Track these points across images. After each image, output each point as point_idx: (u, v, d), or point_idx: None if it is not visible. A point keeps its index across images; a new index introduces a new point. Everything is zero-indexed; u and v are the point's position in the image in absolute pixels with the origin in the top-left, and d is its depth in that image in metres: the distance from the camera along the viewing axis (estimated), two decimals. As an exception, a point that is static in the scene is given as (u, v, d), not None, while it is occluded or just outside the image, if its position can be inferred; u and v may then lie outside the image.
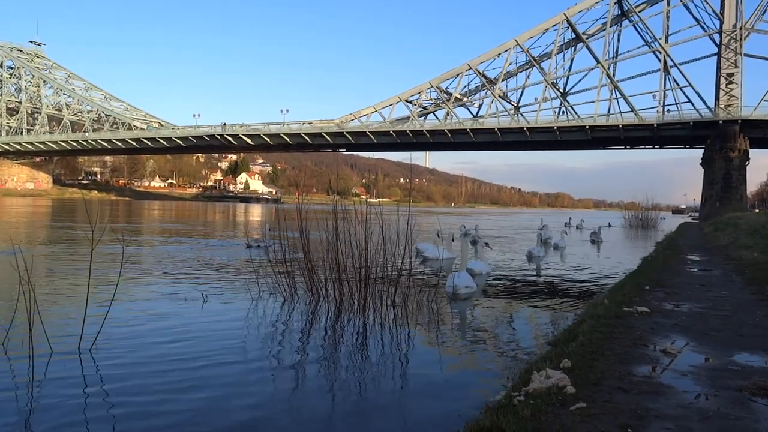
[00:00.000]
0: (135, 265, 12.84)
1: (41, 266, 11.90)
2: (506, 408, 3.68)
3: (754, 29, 66.86)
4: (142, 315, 7.86)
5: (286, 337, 7.00)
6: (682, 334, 5.96)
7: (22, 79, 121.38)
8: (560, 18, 73.98)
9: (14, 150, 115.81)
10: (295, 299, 9.05)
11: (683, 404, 3.83)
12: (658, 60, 70.37)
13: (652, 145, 74.29)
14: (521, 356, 6.32)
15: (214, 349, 6.23)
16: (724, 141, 62.16)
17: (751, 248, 15.79)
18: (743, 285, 9.95)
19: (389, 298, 8.47)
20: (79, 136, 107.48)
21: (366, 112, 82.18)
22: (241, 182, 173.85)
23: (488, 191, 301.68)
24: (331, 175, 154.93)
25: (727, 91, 65.42)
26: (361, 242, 8.68)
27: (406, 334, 7.12)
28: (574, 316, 8.06)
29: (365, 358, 6.17)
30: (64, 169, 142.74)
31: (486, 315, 9.09)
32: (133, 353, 5.94)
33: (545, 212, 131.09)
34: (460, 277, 10.08)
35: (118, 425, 4.18)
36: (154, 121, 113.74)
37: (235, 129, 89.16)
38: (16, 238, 18.08)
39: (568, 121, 72.33)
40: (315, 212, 9.92)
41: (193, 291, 9.85)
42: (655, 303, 7.77)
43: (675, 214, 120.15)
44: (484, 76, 78.96)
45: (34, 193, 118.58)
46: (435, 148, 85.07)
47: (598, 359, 4.78)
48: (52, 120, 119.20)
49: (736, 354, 5.25)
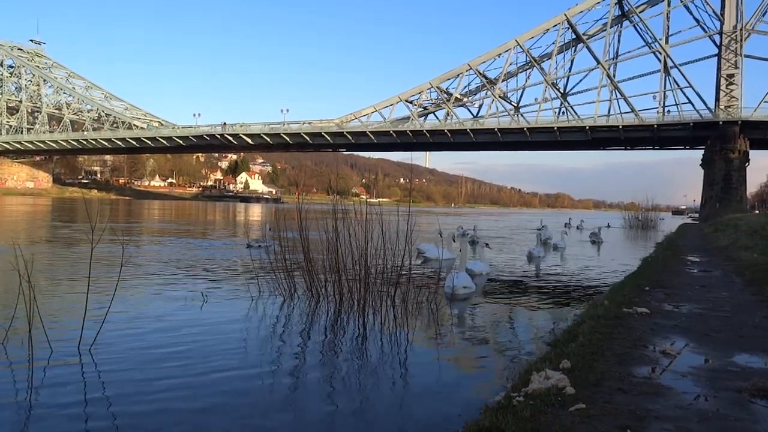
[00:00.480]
0: (135, 265, 12.84)
1: (41, 266, 11.90)
2: (506, 409, 3.68)
3: (755, 30, 66.83)
4: (142, 315, 7.86)
5: (286, 338, 7.00)
6: (682, 335, 5.96)
7: (22, 78, 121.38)
8: (561, 18, 73.95)
9: (14, 149, 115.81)
10: (295, 299, 9.05)
11: (683, 405, 3.83)
12: (659, 61, 70.35)
13: (652, 146, 74.28)
14: (521, 357, 6.31)
15: (213, 350, 6.23)
16: (724, 142, 62.13)
17: (751, 249, 15.79)
18: (743, 286, 9.95)
19: (389, 299, 8.47)
20: (79, 135, 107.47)
21: (366, 112, 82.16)
22: (241, 182, 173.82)
23: (488, 191, 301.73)
24: (331, 174, 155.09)
25: (727, 92, 65.38)
26: (361, 242, 8.69)
27: (405, 334, 7.12)
28: (574, 317, 8.05)
29: (365, 359, 6.17)
30: (64, 168, 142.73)
31: (485, 315, 9.09)
32: (133, 353, 5.94)
33: (545, 213, 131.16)
34: (459, 277, 10.05)
35: (118, 426, 4.18)
36: (154, 120, 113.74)
37: (235, 128, 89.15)
38: (16, 237, 18.08)
39: (568, 121, 72.28)
40: (315, 212, 9.93)
41: (194, 291, 9.85)
42: (655, 304, 7.77)
43: (675, 215, 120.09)
44: (484, 77, 78.95)
45: (34, 192, 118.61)
46: (435, 148, 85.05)
47: (598, 360, 4.78)
48: (52, 119, 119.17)
49: (736, 355, 5.25)
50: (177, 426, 4.22)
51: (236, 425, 4.25)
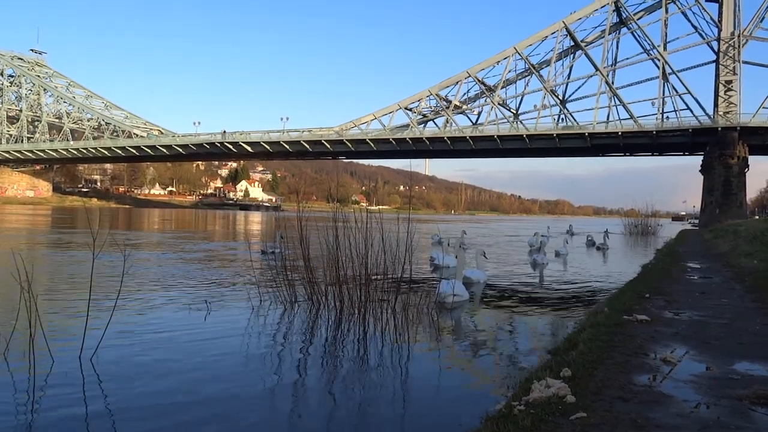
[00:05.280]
0: (137, 274, 12.83)
1: (42, 275, 11.90)
2: (506, 417, 3.68)
3: (752, 36, 67.12)
4: (143, 324, 7.86)
5: (287, 347, 7.00)
6: (682, 343, 5.96)
7: (22, 87, 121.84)
8: (559, 26, 74.29)
9: (14, 158, 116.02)
10: (296, 308, 9.06)
11: (683, 413, 3.83)
12: (657, 67, 70.64)
13: (651, 152, 74.42)
14: (521, 365, 6.32)
15: (216, 359, 6.23)
16: (723, 148, 62.24)
17: (752, 255, 15.77)
18: (743, 293, 9.94)
19: (389, 307, 8.47)
20: (79, 144, 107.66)
21: (366, 120, 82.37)
22: (240, 190, 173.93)
23: (488, 198, 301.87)
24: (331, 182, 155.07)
25: (725, 98, 65.58)
26: (361, 250, 8.70)
27: (406, 342, 7.12)
28: (574, 324, 8.05)
29: (365, 368, 6.17)
30: (64, 177, 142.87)
31: (485, 323, 9.09)
32: (134, 363, 5.94)
33: (545, 219, 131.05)
34: (449, 285, 9.69)
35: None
36: (154, 128, 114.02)
37: (234, 136, 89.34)
38: (16, 246, 18.08)
39: (567, 128, 72.51)
40: (315, 219, 9.94)
41: (198, 299, 9.84)
42: (655, 311, 7.77)
43: (674, 221, 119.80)
44: (483, 84, 79.22)
45: (34, 200, 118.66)
46: (435, 155, 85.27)
47: (598, 368, 4.78)
48: (53, 128, 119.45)
49: (737, 363, 5.25)
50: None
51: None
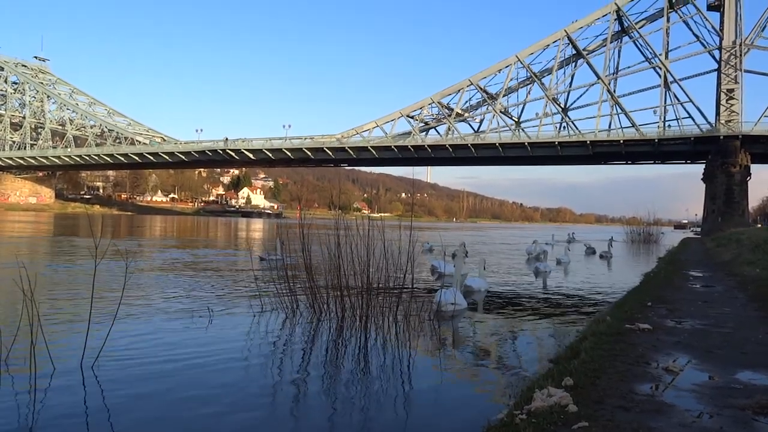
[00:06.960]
0: (139, 281, 12.83)
1: (44, 281, 11.91)
2: (508, 426, 3.67)
3: (754, 45, 67.14)
4: (145, 331, 7.86)
5: (289, 355, 7.00)
6: (685, 352, 5.94)
7: (26, 94, 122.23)
8: (561, 34, 74.47)
9: (17, 164, 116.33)
10: (297, 315, 9.05)
11: (685, 423, 3.81)
12: (659, 76, 70.63)
13: (653, 160, 74.44)
14: (523, 374, 6.30)
15: (217, 367, 6.23)
16: (725, 156, 62.19)
17: (754, 264, 15.72)
18: (746, 301, 9.92)
19: (391, 315, 8.46)
20: (82, 151, 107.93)
21: (368, 127, 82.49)
22: (242, 197, 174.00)
23: (490, 206, 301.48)
24: (333, 189, 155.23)
25: (727, 106, 65.54)
26: (363, 257, 8.70)
27: (407, 350, 7.11)
28: (576, 333, 8.03)
29: (366, 376, 6.16)
30: (67, 184, 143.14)
31: (487, 331, 9.07)
32: (135, 370, 5.93)
33: (547, 227, 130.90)
34: (447, 294, 9.62)
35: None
36: (156, 136, 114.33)
37: (237, 144, 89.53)
38: (19, 252, 18.10)
39: (569, 136, 72.48)
40: (317, 227, 9.95)
41: (201, 307, 9.83)
42: (658, 320, 7.75)
43: (676, 229, 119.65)
44: (485, 92, 79.33)
45: (36, 207, 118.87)
46: (436, 163, 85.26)
47: (601, 377, 4.77)
48: (56, 135, 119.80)
49: (739, 372, 5.23)
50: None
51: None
